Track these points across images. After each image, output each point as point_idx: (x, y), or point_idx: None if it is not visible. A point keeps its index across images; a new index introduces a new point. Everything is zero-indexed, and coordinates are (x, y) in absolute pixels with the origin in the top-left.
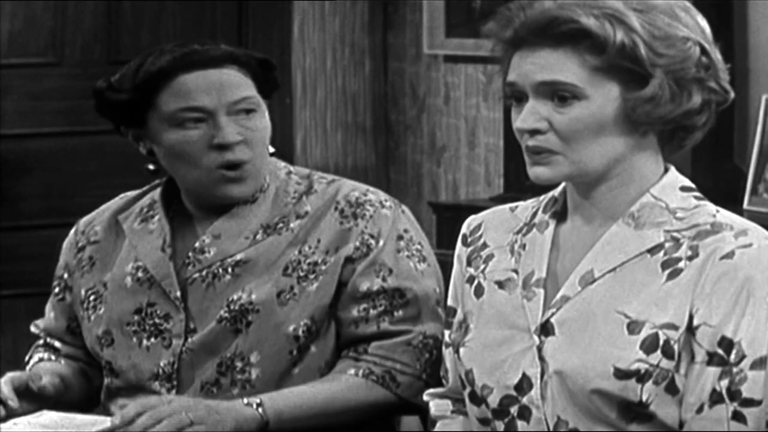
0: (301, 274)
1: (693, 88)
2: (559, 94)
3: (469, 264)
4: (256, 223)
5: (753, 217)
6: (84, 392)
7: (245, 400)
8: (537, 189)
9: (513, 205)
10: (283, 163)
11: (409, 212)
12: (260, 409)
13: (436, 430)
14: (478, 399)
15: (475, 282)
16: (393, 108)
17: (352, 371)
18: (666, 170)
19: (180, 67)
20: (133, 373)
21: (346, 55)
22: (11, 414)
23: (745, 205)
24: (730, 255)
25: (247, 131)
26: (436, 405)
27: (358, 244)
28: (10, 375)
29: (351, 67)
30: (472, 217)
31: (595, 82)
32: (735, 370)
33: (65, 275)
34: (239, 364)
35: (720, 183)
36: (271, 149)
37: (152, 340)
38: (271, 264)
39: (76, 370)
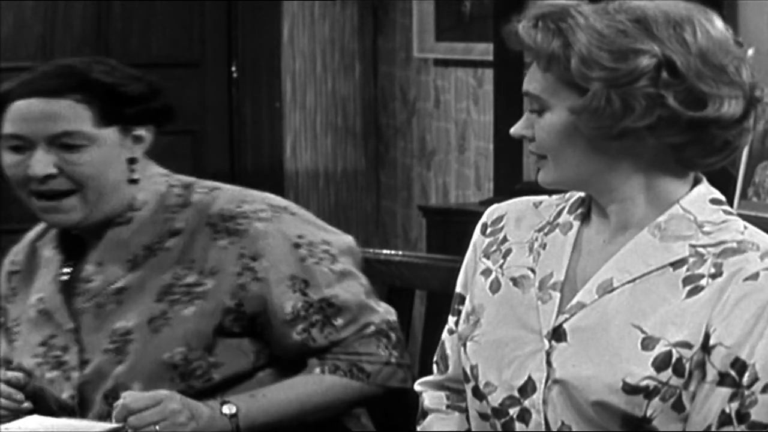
0: (174, 297)
1: (640, 103)
2: (533, 103)
3: (486, 256)
4: (136, 245)
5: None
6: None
7: (222, 409)
8: (526, 193)
9: (537, 199)
10: (165, 177)
11: (300, 211)
12: (234, 420)
13: (425, 424)
14: (480, 394)
15: (492, 276)
16: (383, 112)
17: (318, 369)
18: (697, 181)
19: (18, 93)
20: (45, 405)
21: (336, 59)
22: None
23: (735, 209)
24: (754, 276)
25: (68, 165)
26: (430, 397)
27: (239, 269)
28: None
29: (341, 71)
30: (494, 206)
31: (554, 92)
32: (746, 393)
33: (3, 303)
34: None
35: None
36: (135, 177)
37: (54, 372)
38: (147, 289)
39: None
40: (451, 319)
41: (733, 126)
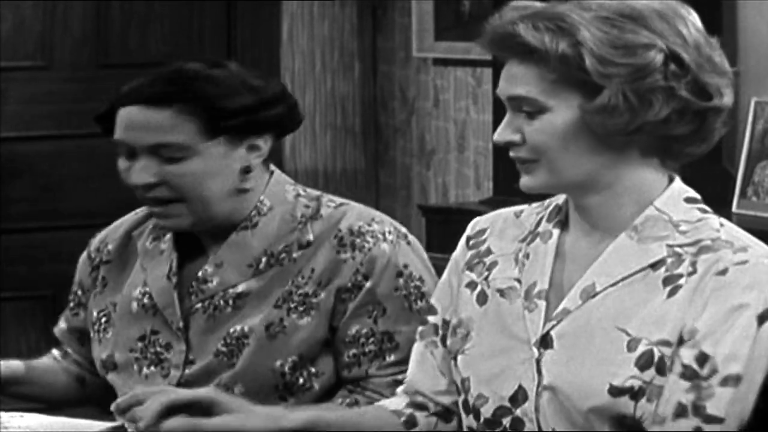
0: (292, 305)
1: (657, 97)
2: (524, 107)
3: (470, 269)
4: (260, 251)
5: (741, 220)
6: (70, 394)
7: None
8: (526, 192)
9: (518, 209)
10: (292, 186)
11: (415, 243)
12: None
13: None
14: (469, 408)
15: (478, 288)
16: (382, 111)
17: (339, 400)
18: (671, 180)
19: (125, 99)
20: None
21: (335, 58)
22: None
23: (734, 209)
24: (724, 272)
25: (169, 175)
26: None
27: (350, 284)
28: None
29: (340, 70)
30: (476, 219)
31: (555, 93)
32: (704, 384)
33: (79, 292)
34: None
35: (709, 186)
36: (247, 186)
37: (152, 368)
38: (269, 296)
39: (73, 374)
40: (419, 329)
41: (724, 115)
